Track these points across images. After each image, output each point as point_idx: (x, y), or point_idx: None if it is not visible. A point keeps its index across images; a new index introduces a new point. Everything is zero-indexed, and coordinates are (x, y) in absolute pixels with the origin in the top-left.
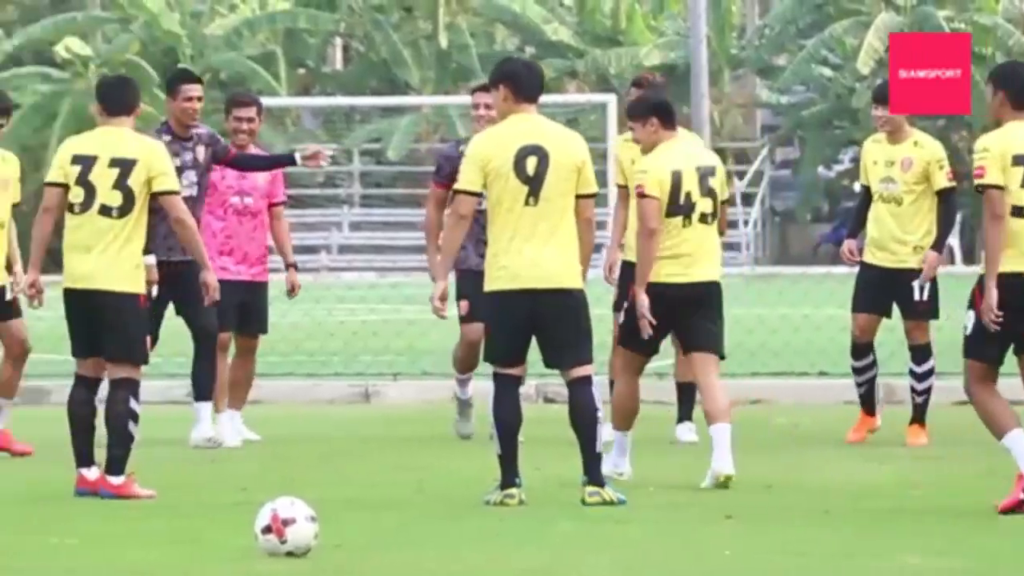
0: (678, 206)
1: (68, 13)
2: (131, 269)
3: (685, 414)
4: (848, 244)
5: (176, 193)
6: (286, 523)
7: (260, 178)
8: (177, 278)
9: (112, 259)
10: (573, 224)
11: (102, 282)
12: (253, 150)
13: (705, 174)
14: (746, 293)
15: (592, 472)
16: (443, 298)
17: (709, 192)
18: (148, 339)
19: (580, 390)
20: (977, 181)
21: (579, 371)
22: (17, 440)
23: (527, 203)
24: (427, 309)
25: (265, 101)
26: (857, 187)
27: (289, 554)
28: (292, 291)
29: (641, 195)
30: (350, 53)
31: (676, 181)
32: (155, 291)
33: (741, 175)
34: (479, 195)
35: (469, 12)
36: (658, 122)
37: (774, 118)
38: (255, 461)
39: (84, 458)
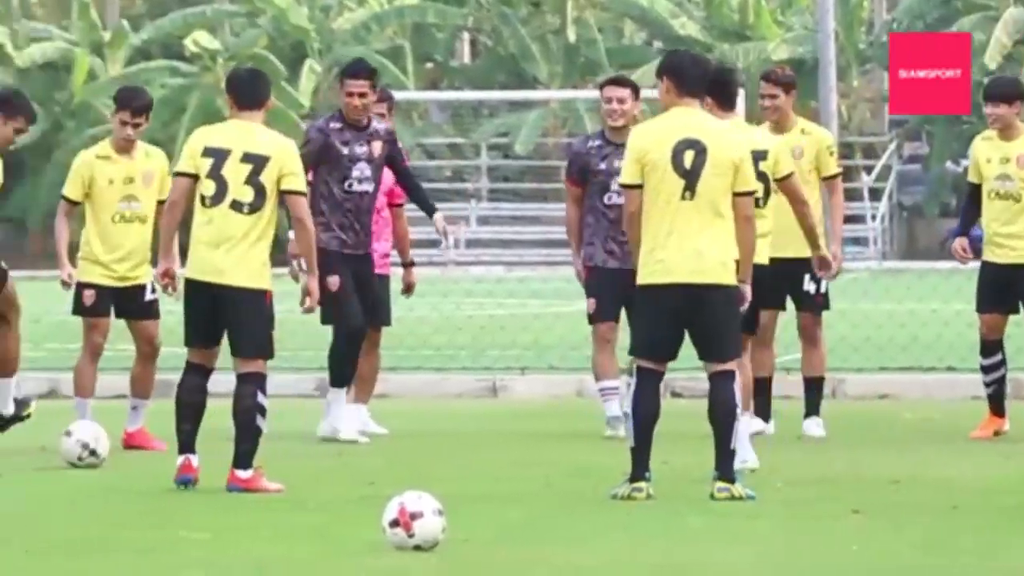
0: None
1: (197, 7)
2: (259, 266)
3: (812, 409)
4: (960, 242)
5: (303, 194)
6: (414, 517)
7: (385, 175)
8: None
9: (242, 255)
10: (729, 220)
11: (231, 278)
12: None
13: (756, 158)
14: (874, 288)
15: (723, 467)
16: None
17: (760, 176)
18: (274, 333)
19: (721, 385)
20: None
21: (721, 366)
22: (154, 437)
23: (683, 197)
24: (554, 303)
25: (394, 95)
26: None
27: (416, 548)
28: (408, 290)
29: None
30: (478, 47)
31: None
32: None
33: (869, 170)
34: (642, 187)
35: (597, 6)
36: (713, 102)
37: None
38: (383, 455)
39: (189, 445)
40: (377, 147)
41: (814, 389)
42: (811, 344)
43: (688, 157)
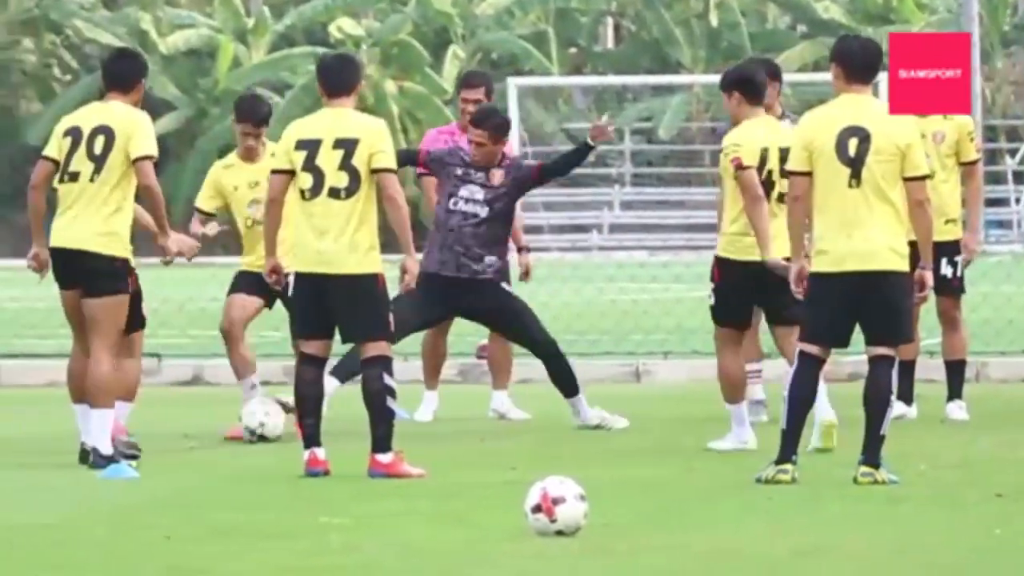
0: (761, 184)
1: None
2: (367, 250)
3: (955, 392)
4: None
5: (393, 171)
6: (556, 502)
7: None
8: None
9: (348, 242)
10: (898, 206)
11: (341, 266)
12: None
13: (785, 155)
14: (1017, 271)
15: (870, 452)
16: (800, 276)
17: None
18: (391, 316)
19: (879, 369)
20: None
21: (882, 350)
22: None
23: (850, 185)
24: (697, 288)
25: (537, 80)
26: None
27: (559, 533)
28: (526, 275)
29: (740, 167)
30: (621, 32)
31: (763, 158)
32: None
33: (1013, 152)
34: (809, 174)
35: None
36: (740, 95)
37: None
38: (525, 440)
39: (314, 438)
40: (498, 175)
41: (956, 372)
42: (951, 327)
43: (852, 144)
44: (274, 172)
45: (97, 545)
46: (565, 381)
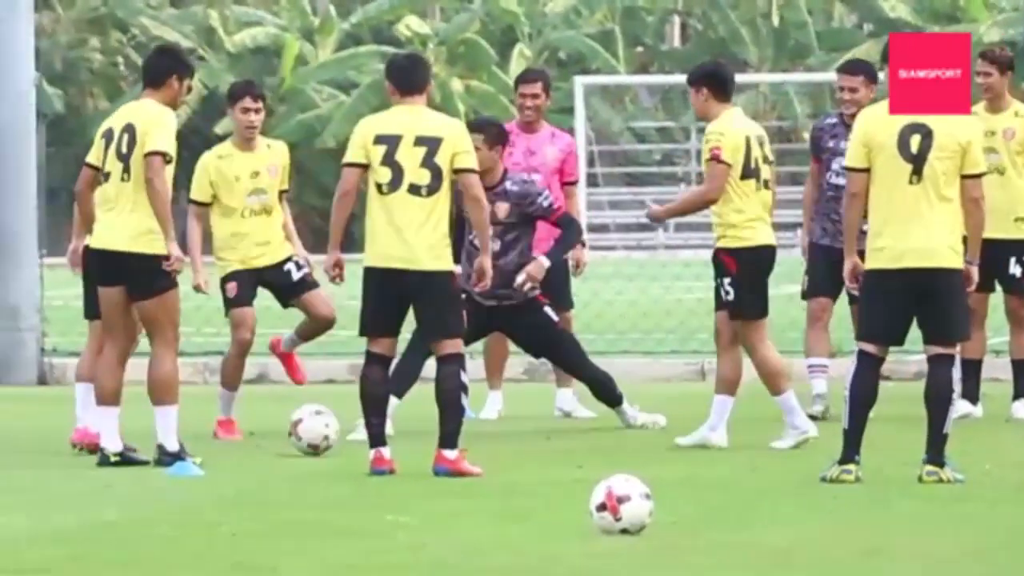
0: (750, 170)
1: None
2: (444, 248)
3: (1021, 391)
4: None
5: (476, 172)
6: (621, 500)
7: (549, 155)
8: None
9: (426, 239)
10: (955, 203)
11: (419, 263)
12: (544, 128)
13: (761, 142)
14: None
15: (934, 451)
16: (854, 276)
17: (766, 160)
18: (465, 313)
19: (939, 367)
20: None
21: (943, 349)
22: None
23: (911, 182)
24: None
25: (603, 79)
26: None
27: (624, 531)
28: (577, 268)
29: (717, 159)
30: (688, 31)
31: (747, 147)
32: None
33: None
34: (867, 171)
35: None
36: (708, 91)
37: None
38: (591, 438)
39: (379, 438)
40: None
41: (1023, 372)
42: (1019, 326)
43: (915, 141)
44: (347, 165)
45: (163, 543)
46: (607, 394)
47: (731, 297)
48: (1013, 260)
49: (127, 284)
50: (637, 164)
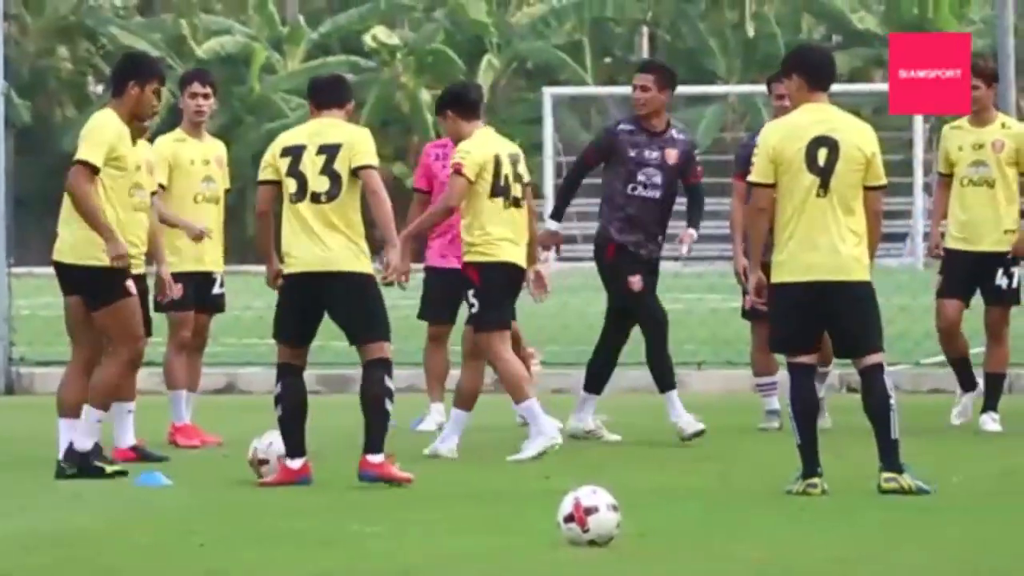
0: (499, 188)
1: (374, 1)
2: (358, 251)
3: (991, 404)
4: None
5: (374, 168)
6: (588, 512)
7: None
8: None
9: (340, 242)
10: (862, 215)
11: (334, 264)
12: None
13: (514, 161)
14: None
15: (888, 458)
16: (759, 291)
17: (518, 178)
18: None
19: (872, 378)
20: None
21: (871, 359)
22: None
23: (818, 195)
24: (731, 298)
25: (571, 90)
26: None
27: (591, 543)
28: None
29: (458, 172)
30: (656, 42)
31: (496, 164)
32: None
33: None
34: (773, 186)
35: (775, 1)
36: (453, 114)
37: None
38: (558, 450)
39: (301, 447)
40: (672, 155)
41: (995, 385)
42: (997, 340)
43: (822, 155)
44: (260, 183)
45: (134, 551)
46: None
47: (475, 309)
48: (1000, 272)
49: (82, 295)
50: None
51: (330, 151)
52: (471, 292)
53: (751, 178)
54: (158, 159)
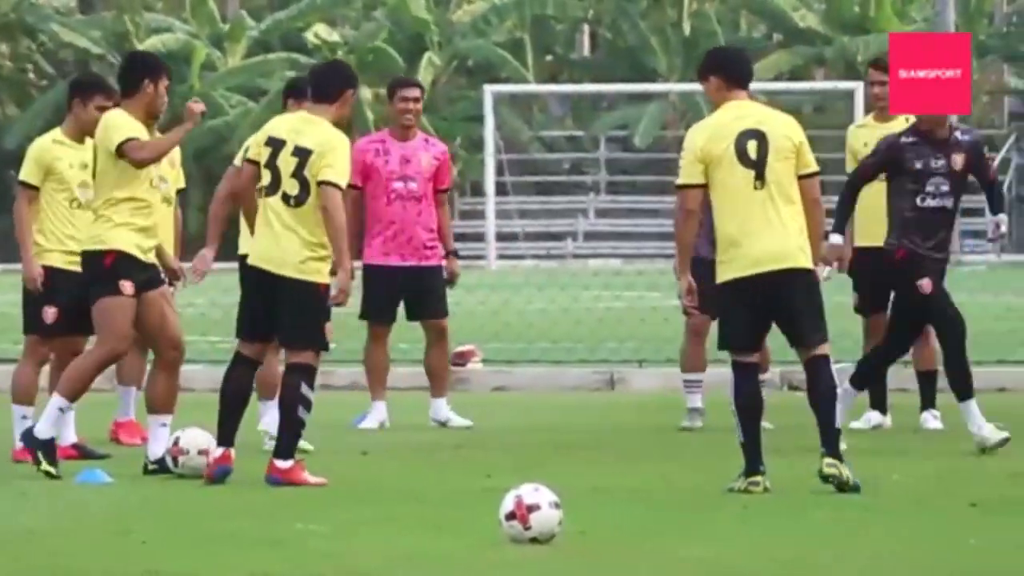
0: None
1: None
2: (311, 259)
3: (929, 402)
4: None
5: (336, 186)
6: (531, 510)
7: (424, 162)
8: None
9: (294, 247)
10: (799, 205)
11: (283, 268)
12: (418, 135)
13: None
14: (992, 281)
15: (830, 445)
16: (690, 292)
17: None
18: (329, 326)
19: (818, 368)
20: None
21: (816, 350)
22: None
23: (755, 187)
24: (672, 296)
25: (512, 88)
26: None
27: (533, 541)
28: (451, 279)
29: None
30: (598, 40)
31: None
32: None
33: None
34: (703, 187)
35: None
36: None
37: (1022, 105)
38: (500, 448)
39: (231, 438)
40: (958, 160)
41: (930, 382)
42: (925, 339)
43: (752, 147)
44: (246, 162)
45: (76, 552)
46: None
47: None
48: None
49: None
50: (547, 173)
51: (302, 155)
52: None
53: (678, 181)
54: (35, 160)
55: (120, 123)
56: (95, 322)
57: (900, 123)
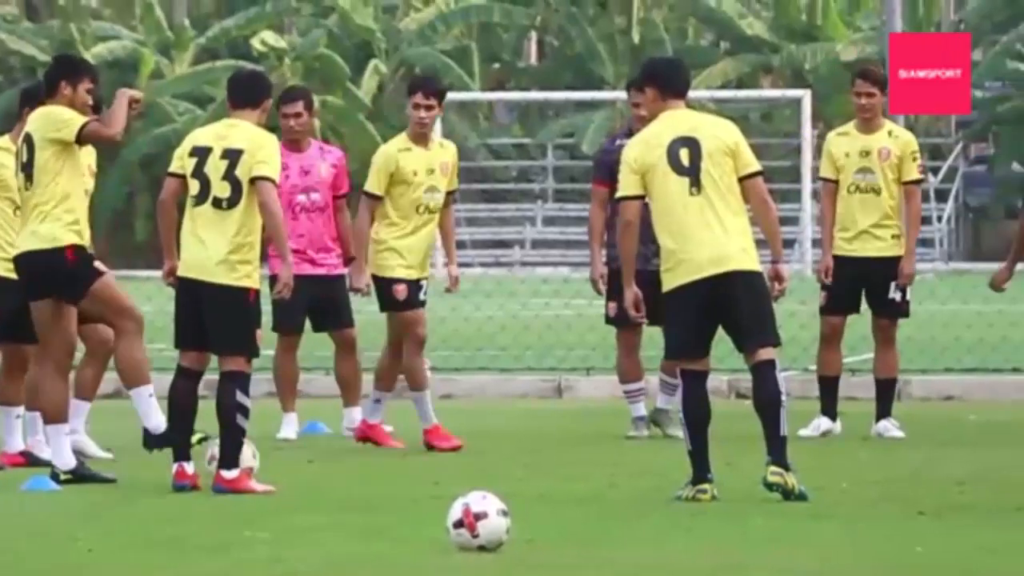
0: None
1: (261, 6)
2: (242, 263)
3: (886, 410)
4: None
5: (271, 180)
6: (478, 517)
7: (323, 172)
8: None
9: (222, 251)
10: (741, 206)
11: (212, 275)
12: (313, 144)
13: (233, 157)
14: (940, 289)
15: (776, 453)
16: (636, 305)
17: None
18: (259, 333)
19: (763, 373)
20: None
21: (762, 354)
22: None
23: (691, 193)
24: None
25: (459, 96)
26: None
27: (481, 548)
28: (356, 288)
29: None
30: (544, 48)
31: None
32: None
33: (935, 171)
34: (641, 198)
35: (663, 7)
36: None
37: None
38: (447, 455)
39: (185, 452)
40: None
41: (889, 390)
42: (887, 345)
43: (684, 154)
44: (168, 175)
45: (21, 557)
46: None
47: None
48: (893, 285)
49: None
50: (494, 180)
51: (232, 156)
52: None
53: (618, 194)
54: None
55: (63, 114)
56: (95, 311)
57: (883, 134)
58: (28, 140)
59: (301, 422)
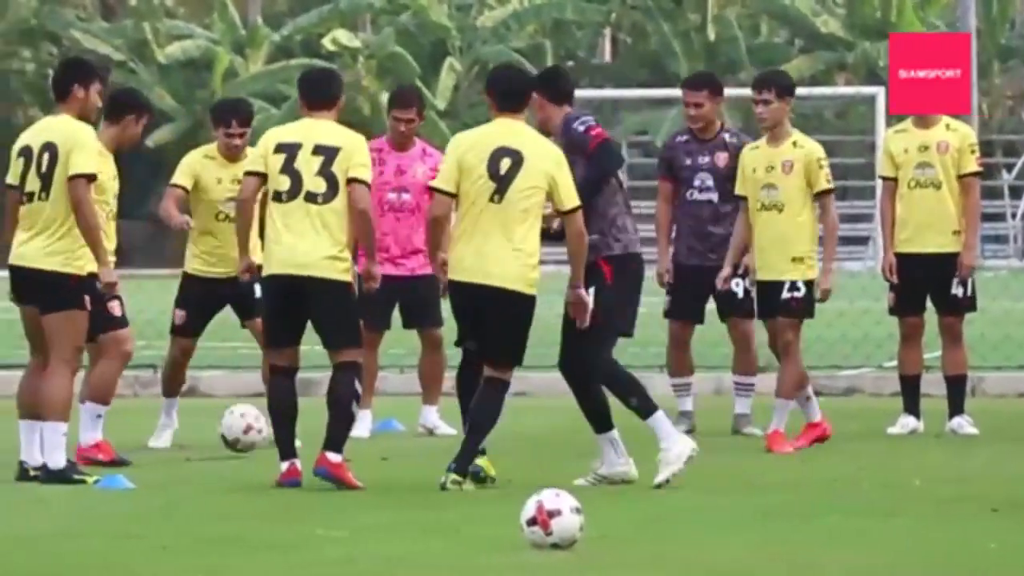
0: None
1: (335, 3)
2: (341, 257)
3: (959, 407)
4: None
5: (366, 184)
6: (552, 515)
7: (419, 174)
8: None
9: (322, 246)
10: (534, 230)
11: (315, 269)
12: (416, 145)
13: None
14: (1014, 285)
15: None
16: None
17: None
18: (361, 323)
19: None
20: None
21: (491, 372)
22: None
23: (492, 199)
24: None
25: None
26: None
27: (554, 546)
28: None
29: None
30: (618, 45)
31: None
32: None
33: (1009, 167)
34: (455, 195)
35: (738, 4)
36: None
37: None
38: (520, 453)
39: (291, 450)
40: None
41: (960, 386)
42: (955, 342)
43: (504, 164)
44: (247, 174)
45: (94, 556)
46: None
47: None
48: (955, 280)
49: (38, 301)
50: None
51: (328, 153)
52: None
53: (432, 183)
54: (187, 166)
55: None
56: (52, 333)
57: (940, 128)
58: (51, 149)
59: (375, 419)
